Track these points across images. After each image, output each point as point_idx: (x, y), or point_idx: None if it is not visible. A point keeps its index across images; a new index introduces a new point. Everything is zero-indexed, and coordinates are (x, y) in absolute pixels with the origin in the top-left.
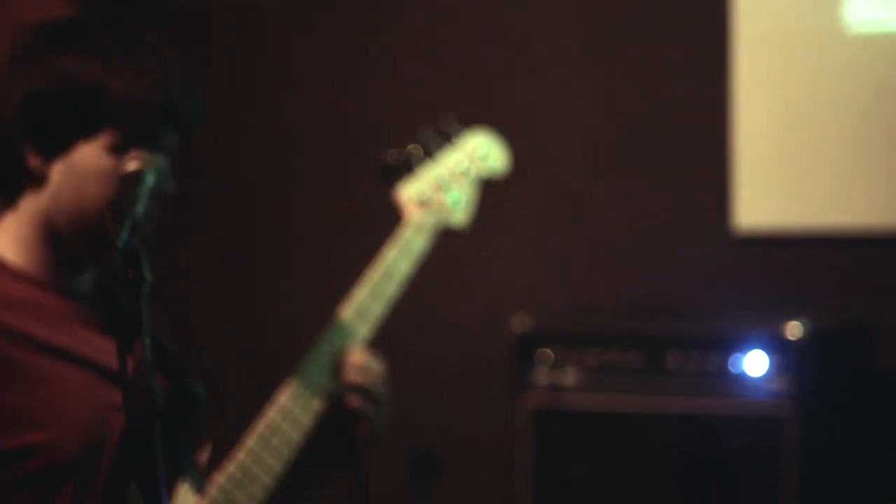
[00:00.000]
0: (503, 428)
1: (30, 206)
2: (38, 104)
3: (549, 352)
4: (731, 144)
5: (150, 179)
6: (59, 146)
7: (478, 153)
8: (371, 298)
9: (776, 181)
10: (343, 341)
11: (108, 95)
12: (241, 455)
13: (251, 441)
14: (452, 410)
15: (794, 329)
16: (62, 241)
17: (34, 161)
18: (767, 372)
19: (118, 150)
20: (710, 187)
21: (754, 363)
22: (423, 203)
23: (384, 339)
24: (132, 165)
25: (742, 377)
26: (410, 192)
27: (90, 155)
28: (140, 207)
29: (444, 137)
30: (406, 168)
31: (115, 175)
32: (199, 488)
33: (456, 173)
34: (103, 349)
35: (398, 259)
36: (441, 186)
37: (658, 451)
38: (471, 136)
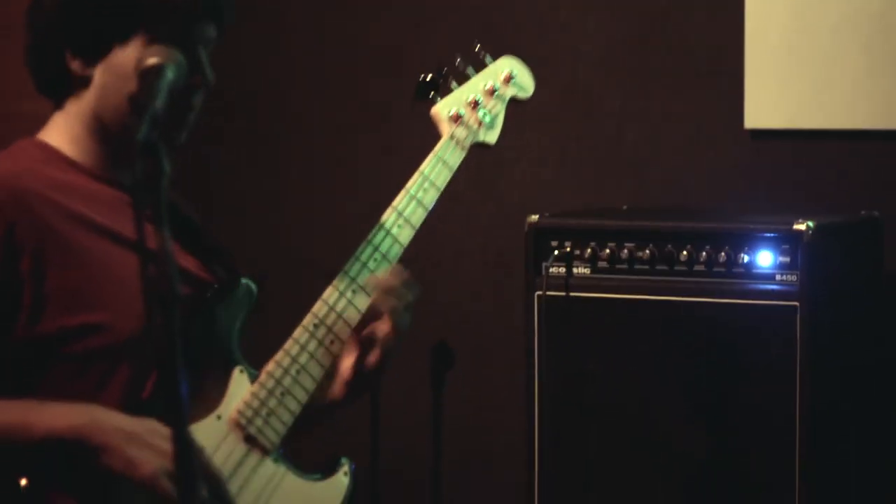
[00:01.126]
0: (517, 320)
1: (77, 105)
2: (78, 4)
3: (562, 245)
4: (744, 45)
5: (170, 74)
6: (97, 51)
7: (507, 75)
8: (411, 205)
9: (786, 85)
10: (385, 244)
11: None
12: (289, 346)
13: (299, 333)
14: (468, 304)
15: (803, 225)
16: (111, 135)
17: (76, 66)
18: (776, 268)
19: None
20: (724, 89)
21: (763, 259)
22: (458, 119)
23: None
24: (151, 60)
25: (751, 273)
26: (446, 109)
27: (129, 54)
28: (160, 101)
29: (476, 60)
30: (442, 87)
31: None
32: (252, 376)
33: (487, 93)
34: (154, 237)
35: (435, 170)
36: (474, 105)
37: (668, 342)
38: (500, 59)
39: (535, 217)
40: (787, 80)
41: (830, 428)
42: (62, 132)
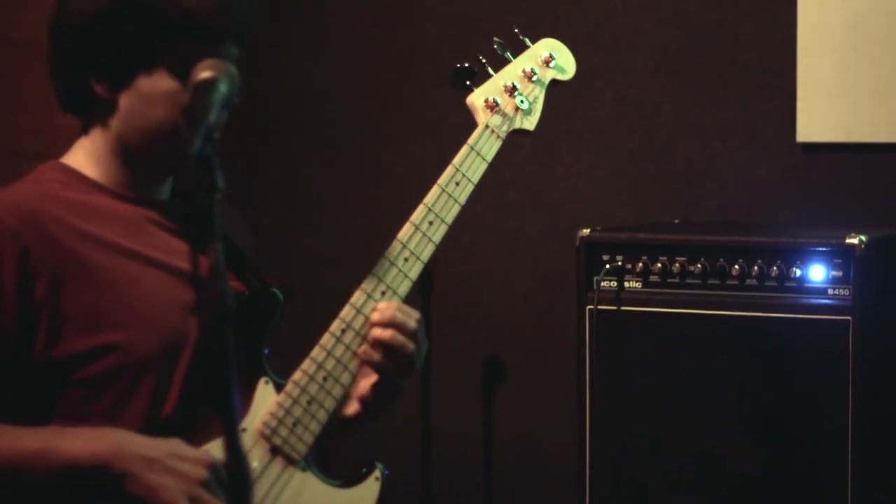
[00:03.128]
0: (568, 334)
1: (102, 128)
2: (99, 25)
3: (613, 259)
4: (797, 58)
5: (223, 87)
6: (121, 78)
7: (546, 58)
8: (442, 200)
9: (839, 98)
10: (414, 242)
11: (163, 9)
12: (316, 353)
13: (326, 339)
14: (519, 316)
15: (855, 238)
16: (135, 155)
17: (100, 90)
18: (829, 282)
19: (179, 72)
20: (777, 102)
21: (816, 273)
22: (494, 107)
23: (454, 248)
24: (206, 74)
25: (804, 287)
26: (481, 97)
27: (154, 82)
28: (213, 115)
29: (514, 45)
30: (478, 74)
31: (184, 91)
32: (278, 387)
33: (525, 78)
34: (181, 253)
35: (467, 161)
36: (511, 91)
37: (719, 356)
38: (539, 42)
39: (586, 231)
40: (840, 94)
41: (884, 442)
42: (85, 154)
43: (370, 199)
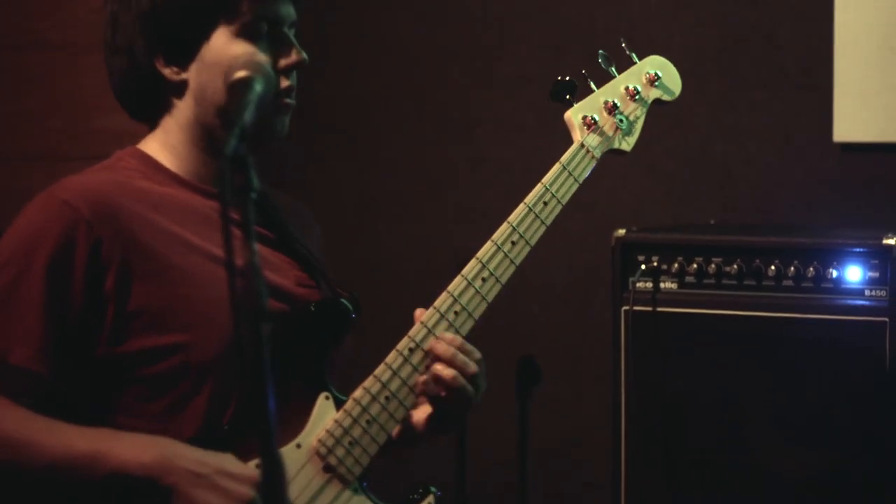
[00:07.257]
0: (603, 335)
1: (174, 118)
2: (157, 11)
3: (649, 260)
4: (833, 59)
5: (258, 87)
6: (186, 52)
7: (651, 77)
8: (528, 220)
9: (875, 98)
10: (495, 263)
11: None
12: (381, 371)
13: (392, 357)
14: (555, 318)
15: (892, 239)
16: (213, 140)
17: (170, 73)
18: (865, 283)
19: (245, 33)
20: (813, 102)
21: (852, 274)
22: (592, 125)
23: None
24: (240, 73)
25: (840, 288)
26: (579, 113)
27: (218, 46)
28: (248, 115)
29: (619, 61)
30: (579, 89)
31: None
32: (339, 403)
33: (627, 96)
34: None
35: (559, 181)
36: (611, 109)
37: (755, 357)
38: (646, 59)
39: (622, 231)
40: (877, 93)
41: None
42: (163, 144)
43: (458, 209)
